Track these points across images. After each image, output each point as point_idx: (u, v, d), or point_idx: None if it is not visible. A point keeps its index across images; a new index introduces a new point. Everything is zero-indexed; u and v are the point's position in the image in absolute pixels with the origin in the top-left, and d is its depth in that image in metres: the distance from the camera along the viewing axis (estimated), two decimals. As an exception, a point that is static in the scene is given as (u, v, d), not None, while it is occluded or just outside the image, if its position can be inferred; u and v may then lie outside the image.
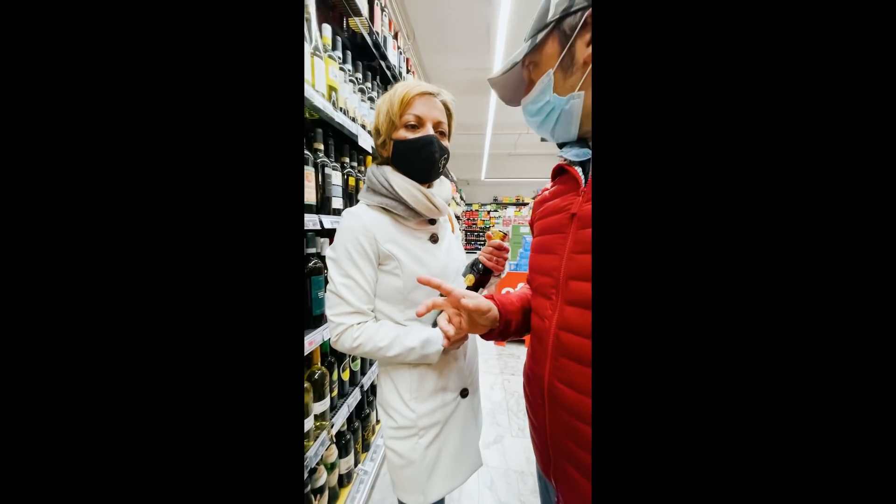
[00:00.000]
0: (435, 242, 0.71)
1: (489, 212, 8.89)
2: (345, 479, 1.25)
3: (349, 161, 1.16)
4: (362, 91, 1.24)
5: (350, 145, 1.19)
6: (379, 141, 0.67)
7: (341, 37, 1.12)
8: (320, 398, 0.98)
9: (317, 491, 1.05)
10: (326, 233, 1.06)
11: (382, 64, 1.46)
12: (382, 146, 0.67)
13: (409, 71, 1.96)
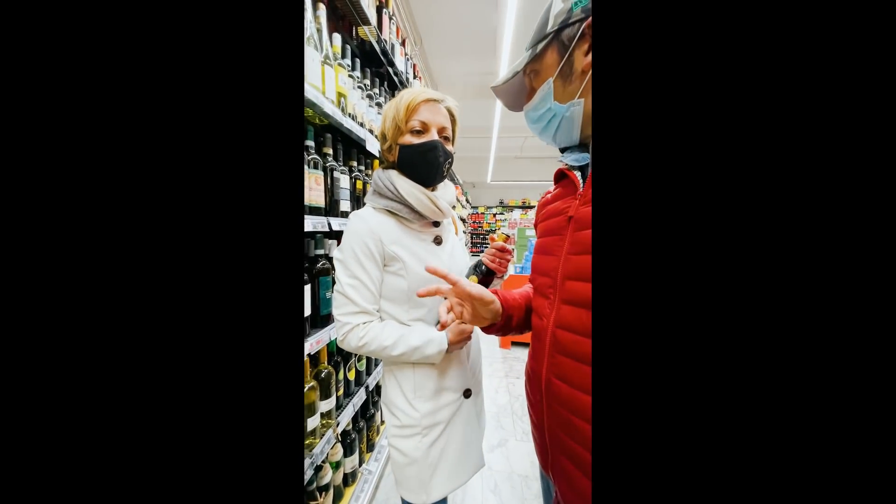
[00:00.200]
0: (439, 244, 0.72)
1: (495, 214, 8.89)
2: (349, 479, 1.26)
3: (357, 165, 1.19)
4: (370, 97, 1.28)
5: (358, 149, 1.22)
6: (385, 146, 0.70)
7: (350, 45, 1.15)
8: (326, 397, 1.00)
9: (322, 489, 1.07)
10: (335, 234, 1.08)
11: (390, 70, 1.50)
12: (388, 151, 0.69)
13: (416, 76, 2.00)
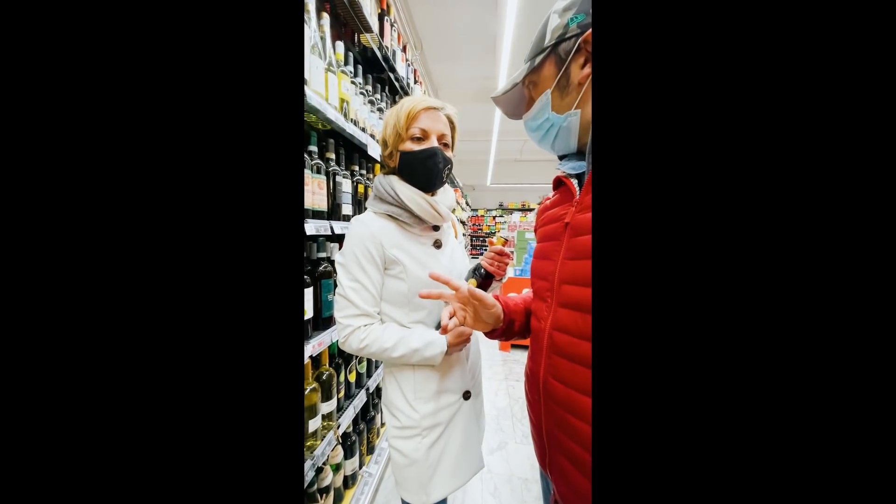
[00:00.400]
0: (439, 248, 0.74)
1: (494, 217, 8.92)
2: (349, 481, 1.26)
3: (358, 169, 1.21)
4: (372, 102, 1.30)
5: (359, 154, 1.24)
6: (386, 152, 0.71)
7: (353, 52, 1.17)
8: (328, 398, 1.01)
9: (322, 491, 1.07)
10: (337, 238, 1.10)
11: (391, 76, 1.52)
12: (389, 157, 0.71)
13: (417, 81, 2.02)
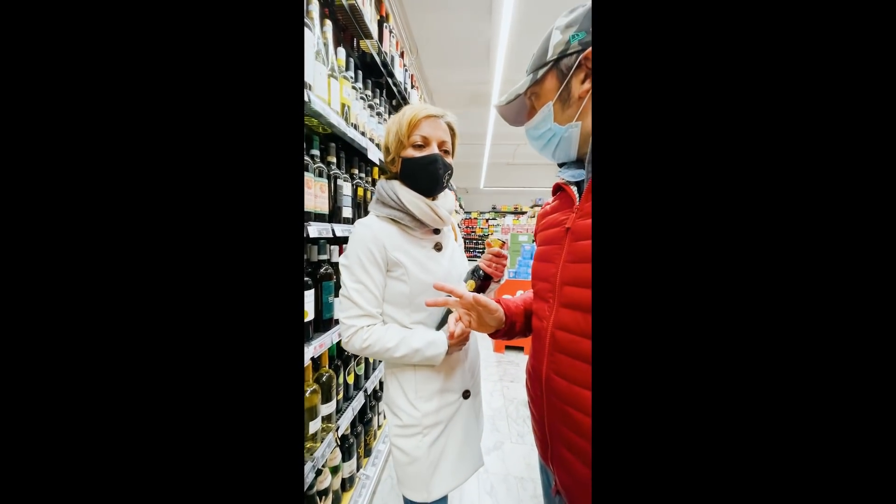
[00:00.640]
0: (439, 250, 0.76)
1: (488, 220, 8.98)
2: (347, 484, 1.26)
3: (358, 172, 1.22)
4: (371, 107, 1.31)
5: (359, 157, 1.25)
6: (388, 158, 0.74)
7: (353, 57, 1.19)
8: (327, 400, 1.01)
9: (321, 493, 1.07)
10: (338, 240, 1.11)
11: (389, 81, 1.54)
12: (391, 163, 0.73)
13: (414, 86, 2.05)
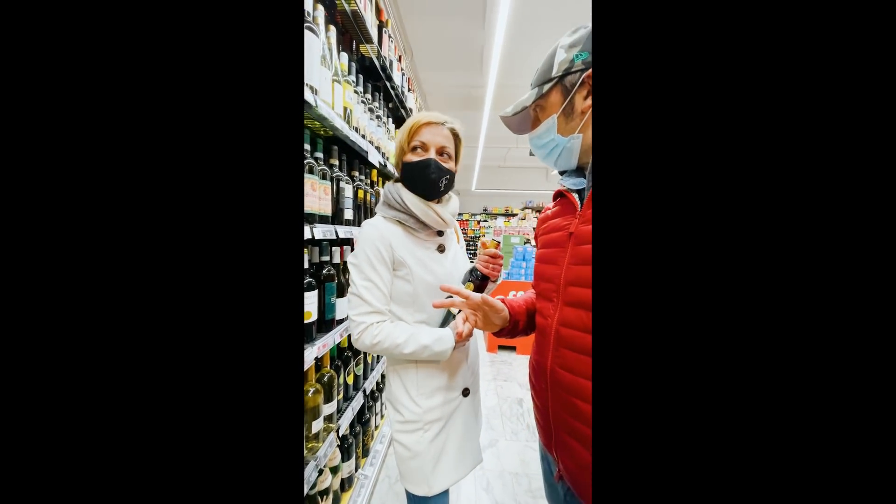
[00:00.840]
0: (442, 252, 0.79)
1: (479, 221, 9.07)
2: (346, 484, 1.27)
3: (358, 175, 1.24)
4: (371, 110, 1.33)
5: (359, 160, 1.27)
6: (394, 163, 0.78)
7: (353, 61, 1.21)
8: (329, 400, 1.02)
9: (322, 493, 1.08)
10: (340, 242, 1.12)
11: (388, 84, 1.56)
12: (396, 167, 0.77)
13: (410, 90, 2.07)
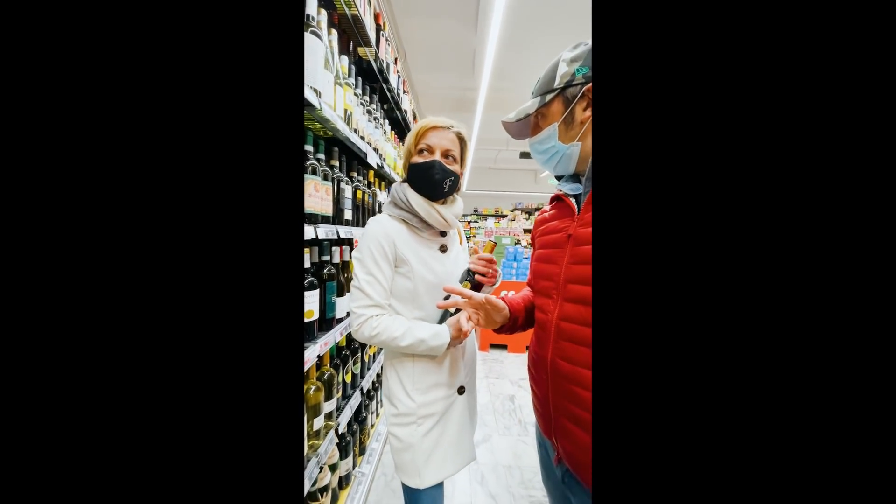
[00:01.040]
0: (444, 252, 0.82)
1: (470, 222, 9.15)
2: (343, 482, 1.28)
3: (357, 176, 1.25)
4: (369, 112, 1.35)
5: (358, 161, 1.28)
6: (401, 165, 0.82)
7: (352, 64, 1.23)
8: (329, 398, 1.04)
9: (321, 490, 1.09)
10: (340, 241, 1.14)
11: (384, 86, 1.59)
12: (403, 169, 0.81)
13: (405, 92, 2.10)
